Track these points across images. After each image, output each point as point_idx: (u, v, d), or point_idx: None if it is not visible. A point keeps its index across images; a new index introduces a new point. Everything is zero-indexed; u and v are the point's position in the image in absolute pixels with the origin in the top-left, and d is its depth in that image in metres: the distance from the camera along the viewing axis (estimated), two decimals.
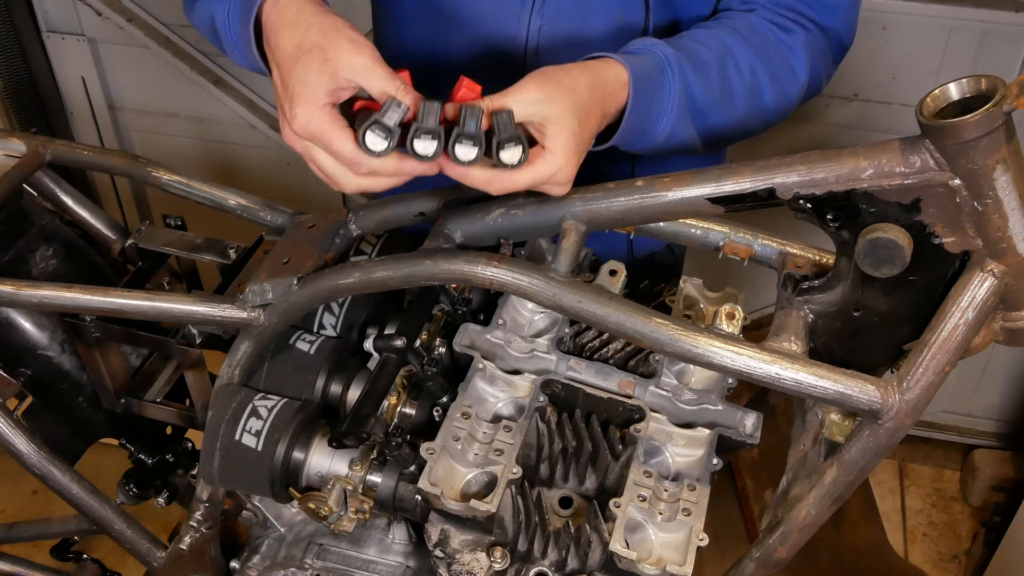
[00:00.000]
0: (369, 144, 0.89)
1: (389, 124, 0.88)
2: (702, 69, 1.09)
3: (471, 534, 1.03)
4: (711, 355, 0.90)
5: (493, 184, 0.92)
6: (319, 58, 0.90)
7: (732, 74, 1.12)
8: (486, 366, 1.08)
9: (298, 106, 0.90)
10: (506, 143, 0.89)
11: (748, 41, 1.14)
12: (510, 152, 0.90)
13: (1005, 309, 0.88)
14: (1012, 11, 2.19)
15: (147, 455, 1.47)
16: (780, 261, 1.07)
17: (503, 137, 0.89)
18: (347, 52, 0.90)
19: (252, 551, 1.23)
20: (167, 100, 2.90)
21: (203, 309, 1.11)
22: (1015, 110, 0.75)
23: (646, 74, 1.04)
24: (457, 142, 0.89)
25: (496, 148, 0.89)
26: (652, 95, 1.05)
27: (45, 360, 1.38)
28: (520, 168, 0.91)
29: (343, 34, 0.92)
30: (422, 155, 0.89)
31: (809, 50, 1.17)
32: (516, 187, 0.93)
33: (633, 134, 1.06)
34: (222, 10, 1.07)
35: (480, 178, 0.92)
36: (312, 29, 0.92)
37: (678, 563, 0.95)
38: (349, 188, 0.95)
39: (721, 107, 1.12)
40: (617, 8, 1.21)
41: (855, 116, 2.44)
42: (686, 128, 1.10)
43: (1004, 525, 2.51)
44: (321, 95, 0.90)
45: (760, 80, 1.14)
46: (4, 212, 1.33)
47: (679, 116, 1.08)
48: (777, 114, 1.19)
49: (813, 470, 0.98)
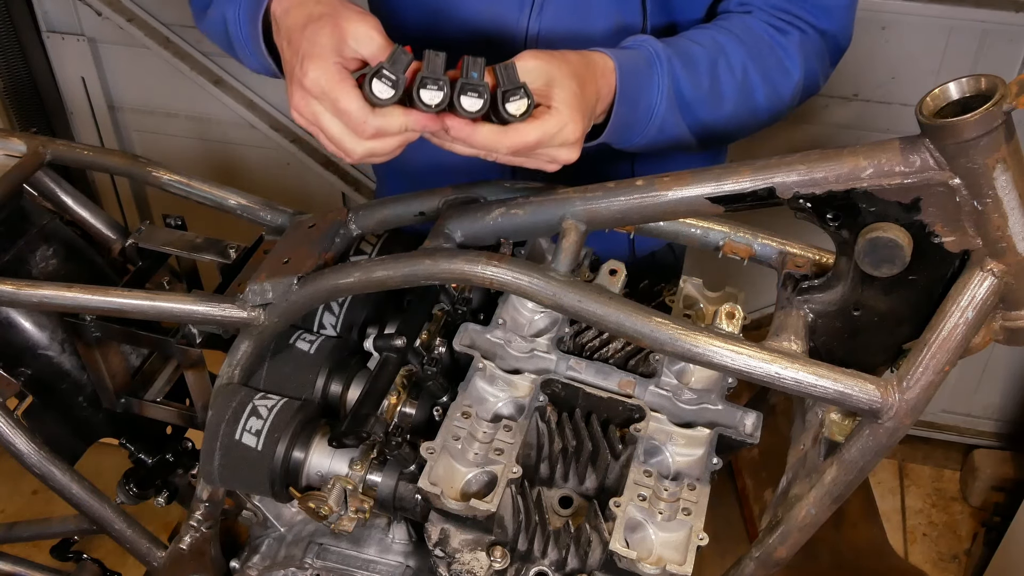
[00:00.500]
0: (376, 91, 0.89)
1: (394, 73, 0.89)
2: (691, 64, 1.10)
3: (471, 533, 1.03)
4: (711, 355, 0.90)
5: (501, 140, 0.93)
6: (329, 24, 0.94)
7: (723, 72, 1.13)
8: (486, 366, 1.09)
9: (309, 61, 0.92)
10: (511, 95, 0.90)
11: (742, 41, 1.15)
12: (516, 104, 0.90)
13: (1005, 308, 0.88)
14: (1012, 11, 2.19)
15: (147, 455, 1.47)
16: (780, 261, 1.07)
17: (508, 88, 0.90)
18: (354, 21, 0.93)
19: (252, 551, 1.23)
20: (167, 100, 2.90)
21: (203, 309, 1.11)
22: (1015, 109, 0.75)
23: (633, 65, 1.06)
24: (463, 93, 0.89)
25: (502, 101, 0.90)
26: (639, 86, 1.06)
27: (45, 360, 1.38)
28: (527, 121, 0.92)
29: (349, 7, 0.96)
30: (428, 104, 0.89)
31: (804, 51, 1.18)
32: (525, 142, 0.93)
33: (623, 126, 1.07)
34: (233, 11, 1.10)
35: (488, 136, 0.92)
36: (320, 4, 0.97)
37: (678, 563, 0.95)
38: (357, 153, 0.95)
39: (711, 103, 1.13)
40: (615, 11, 1.22)
41: (855, 116, 2.44)
42: (676, 123, 1.11)
43: (1004, 525, 2.51)
44: (331, 53, 0.92)
45: (752, 79, 1.15)
46: (4, 212, 1.32)
47: (668, 109, 1.09)
48: (770, 113, 1.20)
49: (813, 470, 0.98)
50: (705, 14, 1.25)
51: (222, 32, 1.14)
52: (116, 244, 1.44)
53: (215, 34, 1.18)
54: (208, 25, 1.19)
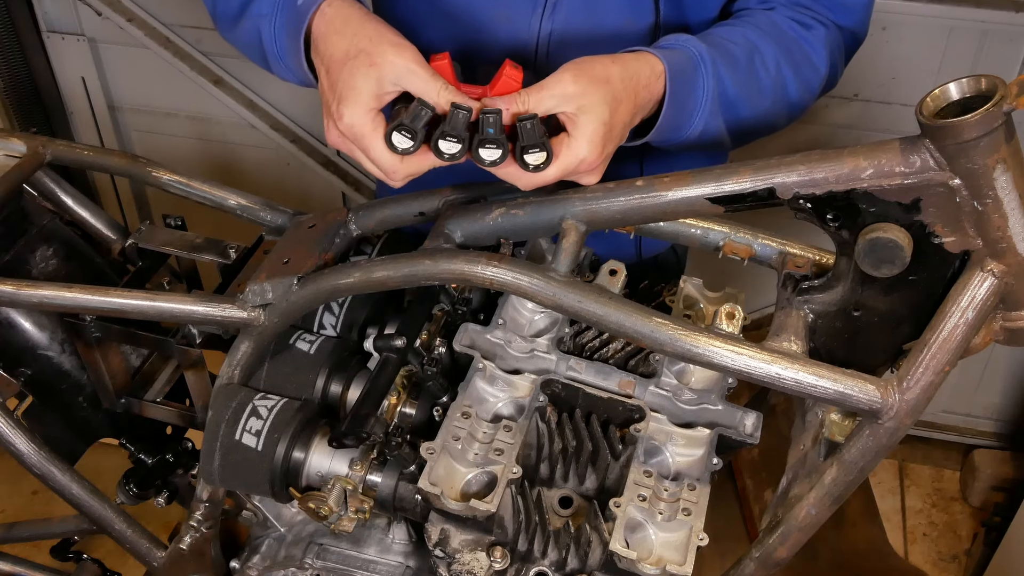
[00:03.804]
0: (396, 143, 0.94)
1: (415, 126, 0.93)
2: (733, 64, 1.12)
3: (471, 534, 1.03)
4: (711, 355, 0.90)
5: (522, 179, 0.97)
6: (365, 62, 0.95)
7: (759, 69, 1.14)
8: (486, 366, 1.08)
9: (345, 107, 0.95)
10: (529, 149, 0.93)
11: (772, 38, 1.17)
12: (533, 156, 0.94)
13: (1005, 309, 0.88)
14: (1012, 11, 2.19)
15: (147, 455, 1.47)
16: (780, 261, 1.07)
17: (526, 143, 0.93)
18: (391, 55, 0.95)
19: (252, 551, 1.23)
20: (167, 100, 2.90)
21: (203, 309, 1.11)
22: (1015, 110, 0.75)
23: (681, 67, 1.06)
24: (480, 146, 0.93)
25: (521, 153, 0.94)
26: (687, 89, 1.07)
27: (45, 360, 1.38)
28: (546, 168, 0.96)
29: (386, 38, 0.97)
30: (446, 154, 0.94)
31: (828, 46, 1.21)
32: (546, 182, 0.97)
33: (669, 129, 1.08)
34: (268, 26, 1.11)
35: (511, 175, 0.97)
36: (359, 35, 0.98)
37: (678, 563, 0.95)
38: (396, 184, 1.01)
39: (750, 101, 1.15)
40: (627, 11, 1.22)
41: (855, 116, 2.44)
42: (717, 123, 1.13)
43: (1004, 525, 2.51)
44: (367, 98, 0.95)
45: (785, 75, 1.17)
46: (4, 212, 1.32)
47: (712, 111, 1.10)
48: (800, 107, 1.23)
49: (813, 470, 0.98)
50: (718, 13, 1.26)
51: (254, 44, 1.15)
52: (116, 244, 1.43)
53: (247, 45, 1.18)
54: (239, 35, 1.19)
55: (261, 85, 2.78)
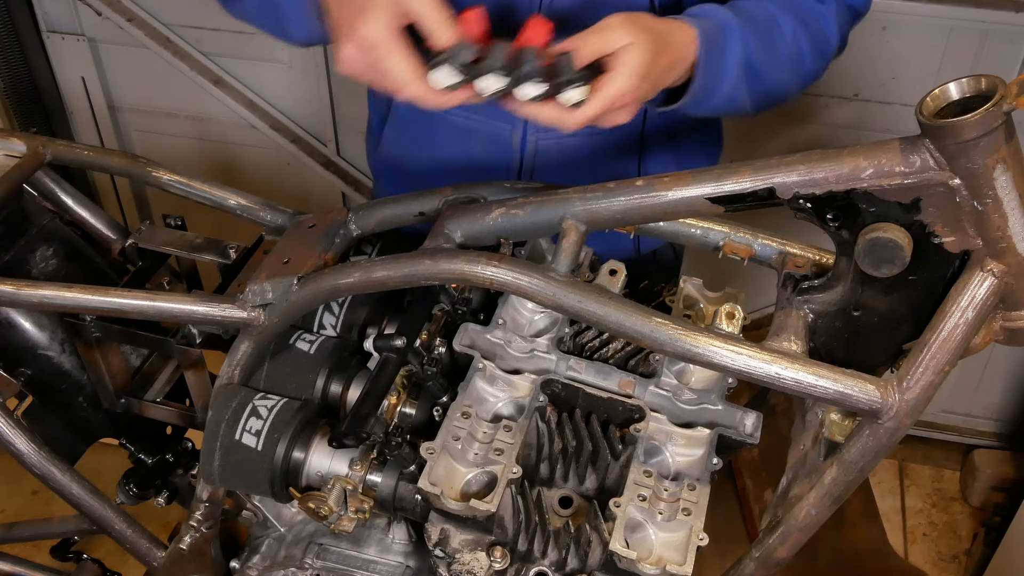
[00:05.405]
0: (438, 78, 0.96)
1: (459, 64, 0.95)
2: (757, 33, 1.16)
3: (471, 534, 1.03)
4: (711, 355, 0.90)
5: (566, 119, 1.00)
6: None
7: (778, 39, 1.19)
8: (486, 366, 1.08)
9: (362, 21, 0.96)
10: (572, 84, 0.96)
11: (789, 10, 1.22)
12: (576, 91, 0.96)
13: (1005, 309, 0.88)
14: (1012, 11, 2.19)
15: (147, 455, 1.47)
16: (780, 261, 1.07)
17: (570, 78, 0.95)
18: None
19: (252, 551, 1.23)
20: (167, 100, 2.90)
21: (203, 309, 1.11)
22: (1015, 110, 0.75)
23: (711, 35, 1.11)
24: (522, 82, 0.95)
25: (560, 88, 0.96)
26: (717, 53, 1.12)
27: (45, 360, 1.38)
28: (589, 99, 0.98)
29: None
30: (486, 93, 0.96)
31: (838, 19, 1.26)
32: (587, 118, 1.00)
33: (701, 92, 1.12)
34: None
35: (552, 115, 1.00)
36: None
37: (678, 563, 0.95)
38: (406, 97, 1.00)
39: (772, 70, 1.20)
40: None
41: (855, 116, 2.44)
42: (742, 89, 1.17)
43: (1004, 525, 2.51)
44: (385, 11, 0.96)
45: (802, 46, 1.22)
46: (4, 212, 1.32)
47: (739, 77, 1.15)
48: (813, 76, 1.28)
49: (813, 470, 0.98)
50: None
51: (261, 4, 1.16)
52: (116, 244, 1.43)
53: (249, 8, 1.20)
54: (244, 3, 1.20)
55: (261, 85, 2.78)
